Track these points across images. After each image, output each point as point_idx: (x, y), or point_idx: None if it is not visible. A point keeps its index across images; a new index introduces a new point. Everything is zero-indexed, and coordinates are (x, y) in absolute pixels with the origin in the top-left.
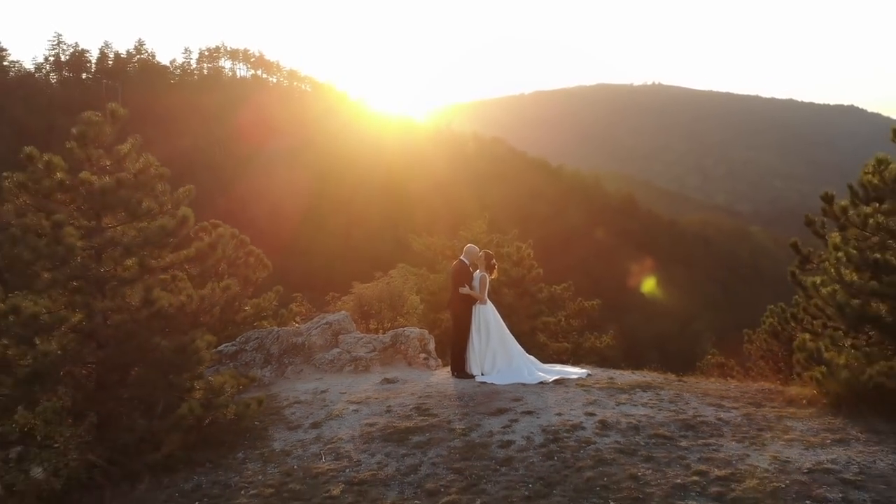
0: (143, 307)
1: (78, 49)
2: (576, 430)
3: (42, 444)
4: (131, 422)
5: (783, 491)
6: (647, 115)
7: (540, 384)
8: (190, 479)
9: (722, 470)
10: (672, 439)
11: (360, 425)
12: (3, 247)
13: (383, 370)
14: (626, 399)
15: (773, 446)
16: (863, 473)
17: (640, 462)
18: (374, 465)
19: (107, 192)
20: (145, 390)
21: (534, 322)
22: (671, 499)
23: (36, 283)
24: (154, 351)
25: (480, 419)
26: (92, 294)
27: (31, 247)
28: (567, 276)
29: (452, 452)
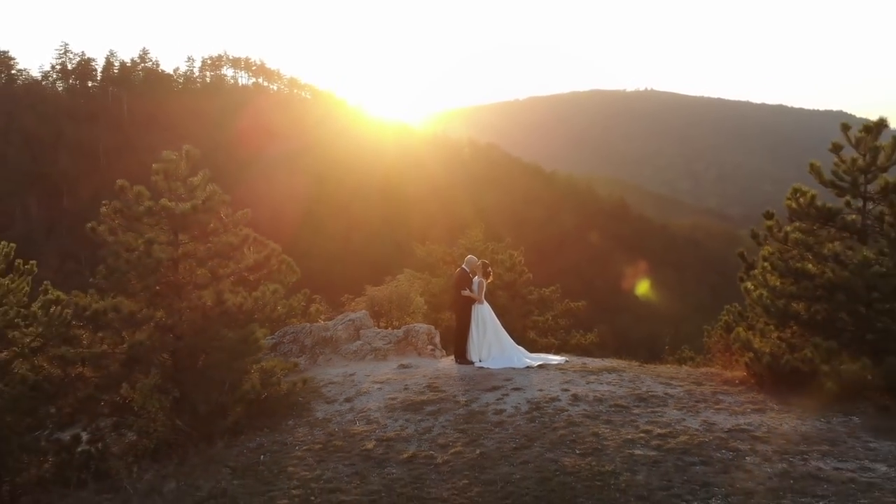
0: (215, 306)
1: (84, 57)
2: (553, 402)
3: (137, 414)
4: (206, 396)
5: (706, 444)
6: (640, 121)
7: (526, 368)
8: (253, 440)
9: (663, 430)
10: (627, 408)
11: (384, 399)
12: (107, 260)
13: (398, 358)
14: (595, 379)
15: (704, 413)
16: (770, 432)
17: (601, 424)
18: (398, 428)
19: (184, 215)
20: (215, 372)
21: (525, 321)
22: (622, 449)
23: (128, 287)
24: (222, 341)
25: (479, 394)
26: (172, 296)
27: (127, 259)
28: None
29: (457, 418)
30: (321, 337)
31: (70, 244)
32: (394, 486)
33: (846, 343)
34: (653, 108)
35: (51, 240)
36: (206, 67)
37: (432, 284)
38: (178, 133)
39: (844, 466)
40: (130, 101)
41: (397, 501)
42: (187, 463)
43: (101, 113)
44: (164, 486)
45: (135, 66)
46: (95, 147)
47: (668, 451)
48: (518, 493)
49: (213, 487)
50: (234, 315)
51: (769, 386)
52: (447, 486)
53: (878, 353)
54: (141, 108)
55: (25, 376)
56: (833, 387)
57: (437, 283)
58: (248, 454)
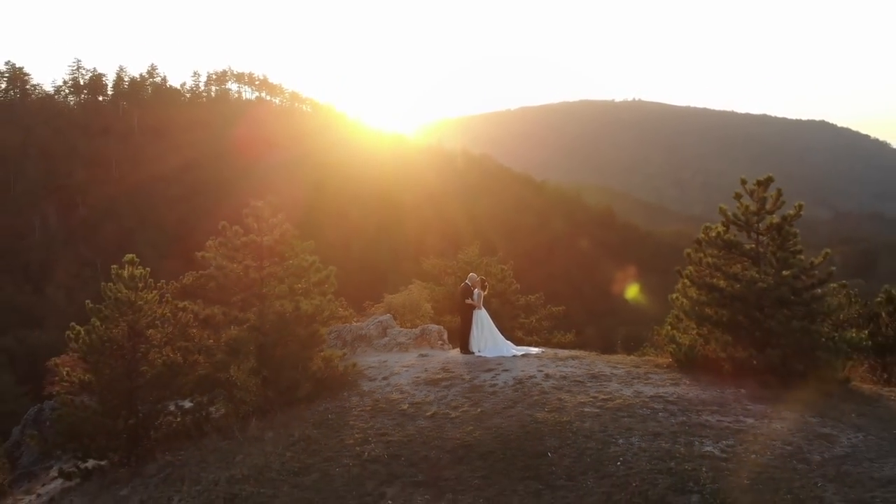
0: (292, 312)
1: (96, 73)
2: (531, 378)
3: (239, 388)
4: (285, 375)
5: (634, 405)
6: (628, 130)
7: (513, 356)
8: (321, 406)
9: (606, 396)
10: (583, 382)
11: (410, 378)
12: (215, 279)
13: (417, 350)
14: (562, 363)
15: (636, 387)
16: (679, 398)
17: (563, 393)
18: (423, 396)
19: (268, 247)
20: (291, 358)
21: (513, 322)
22: (576, 407)
23: (229, 298)
24: (295, 336)
25: (478, 374)
26: (259, 304)
27: (230, 278)
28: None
29: (464, 389)
30: (358, 334)
31: (86, 251)
32: (423, 431)
33: (742, 338)
34: (640, 117)
35: (68, 247)
36: (212, 82)
37: (436, 292)
38: (185, 143)
39: (725, 419)
40: (140, 115)
41: (427, 440)
42: (276, 420)
43: (113, 126)
44: (264, 435)
45: (143, 81)
46: (108, 159)
47: (607, 409)
48: (506, 435)
49: (300, 434)
50: (303, 318)
51: (686, 368)
52: (459, 432)
53: (762, 345)
54: (150, 121)
55: (161, 362)
56: (729, 368)
57: (441, 291)
58: (319, 414)
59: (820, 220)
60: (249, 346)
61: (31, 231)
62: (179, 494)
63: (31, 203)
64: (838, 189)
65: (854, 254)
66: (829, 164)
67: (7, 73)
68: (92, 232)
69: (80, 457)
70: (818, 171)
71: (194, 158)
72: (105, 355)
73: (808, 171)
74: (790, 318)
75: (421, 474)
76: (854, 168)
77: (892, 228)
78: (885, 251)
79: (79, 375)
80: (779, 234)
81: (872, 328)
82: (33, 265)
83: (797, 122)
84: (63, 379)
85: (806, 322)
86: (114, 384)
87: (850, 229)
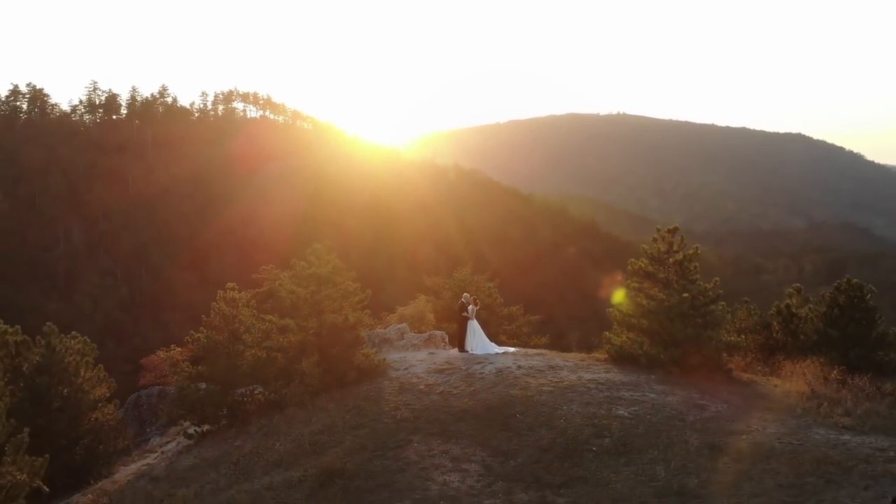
0: (342, 322)
1: (111, 93)
2: (507, 368)
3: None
4: (337, 367)
5: (576, 385)
6: (613, 143)
7: (496, 354)
8: (363, 387)
9: (558, 380)
10: (543, 371)
11: (424, 368)
12: (289, 299)
13: (426, 349)
14: (530, 358)
15: (580, 374)
16: (607, 381)
17: (529, 377)
18: (433, 380)
19: (326, 276)
20: (341, 355)
21: (498, 329)
22: (537, 387)
23: (299, 313)
24: (344, 339)
25: (471, 365)
26: (318, 317)
27: (300, 298)
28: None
29: (462, 376)
30: (383, 338)
31: (107, 262)
32: (434, 402)
33: (654, 340)
34: (625, 130)
35: (91, 258)
36: (219, 101)
37: (437, 305)
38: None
39: (635, 395)
40: (153, 133)
41: (439, 407)
42: (334, 397)
43: (127, 144)
44: (328, 405)
45: (155, 101)
46: (124, 176)
47: (557, 388)
48: (489, 404)
49: (352, 405)
50: (349, 327)
51: (616, 362)
52: (459, 403)
53: (668, 345)
54: (162, 138)
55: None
56: (644, 362)
57: (440, 304)
58: (363, 392)
59: (795, 230)
60: (313, 347)
61: (57, 243)
62: (279, 442)
63: (56, 217)
64: (813, 199)
65: (823, 263)
66: (805, 176)
67: (28, 94)
68: (112, 244)
69: (198, 423)
70: (794, 182)
71: (204, 175)
72: (214, 353)
73: (784, 182)
74: (687, 327)
75: (434, 428)
76: (828, 179)
77: (863, 237)
78: (854, 260)
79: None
80: (681, 268)
81: (766, 334)
82: (59, 275)
83: (774, 135)
84: (183, 370)
85: (699, 329)
86: (220, 373)
87: (822, 238)
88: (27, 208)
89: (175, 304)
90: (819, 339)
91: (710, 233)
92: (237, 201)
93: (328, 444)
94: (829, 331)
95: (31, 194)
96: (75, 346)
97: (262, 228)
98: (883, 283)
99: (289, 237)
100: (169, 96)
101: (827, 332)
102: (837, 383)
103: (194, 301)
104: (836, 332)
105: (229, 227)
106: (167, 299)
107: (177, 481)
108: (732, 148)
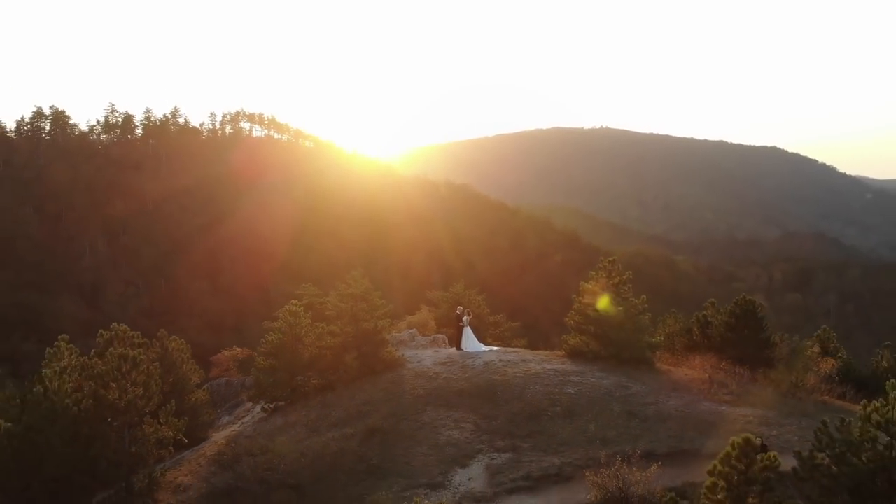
0: (372, 328)
1: (127, 114)
2: (492, 362)
3: (348, 366)
4: (369, 360)
5: (541, 372)
6: (596, 155)
7: (484, 352)
8: (388, 375)
9: (527, 369)
10: (517, 363)
11: (431, 362)
12: (335, 311)
13: (432, 348)
14: (508, 354)
15: (543, 365)
16: (563, 369)
17: (507, 368)
18: (438, 370)
19: (360, 294)
20: (372, 351)
21: (486, 333)
22: (513, 374)
23: (338, 321)
24: (373, 339)
25: (466, 360)
26: (354, 325)
27: (343, 311)
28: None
29: (459, 367)
30: (399, 339)
31: (130, 274)
32: (441, 384)
33: (599, 341)
34: (608, 144)
35: (114, 269)
36: (226, 121)
37: (437, 314)
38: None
39: (581, 379)
40: (167, 152)
41: (443, 388)
42: (369, 381)
43: (144, 162)
44: (364, 386)
45: (167, 121)
46: (142, 192)
47: (527, 375)
48: (479, 386)
49: (382, 387)
50: (378, 331)
51: (571, 357)
52: (457, 385)
53: (608, 344)
54: (175, 156)
55: (309, 353)
56: (591, 357)
57: (440, 313)
58: (389, 378)
59: (768, 240)
60: (352, 346)
61: (83, 255)
62: (335, 411)
63: (81, 231)
64: (787, 210)
65: (793, 271)
66: (780, 187)
67: (50, 115)
68: (133, 256)
69: (270, 400)
70: (769, 194)
71: (213, 191)
72: (283, 350)
73: (760, 194)
74: (621, 332)
75: (441, 401)
76: (802, 190)
77: (832, 247)
78: (821, 269)
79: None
80: (617, 289)
81: (688, 336)
82: (86, 285)
83: (751, 148)
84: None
85: (630, 333)
86: (286, 365)
87: (794, 248)
88: (55, 223)
89: (192, 311)
90: (722, 341)
91: (688, 242)
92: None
93: (368, 412)
94: (729, 335)
95: (59, 210)
96: (179, 345)
97: (267, 239)
98: (847, 290)
99: (288, 246)
100: (181, 117)
101: (728, 335)
102: (726, 372)
103: (209, 308)
104: (734, 336)
105: (237, 238)
106: (184, 307)
107: (267, 436)
108: (711, 161)
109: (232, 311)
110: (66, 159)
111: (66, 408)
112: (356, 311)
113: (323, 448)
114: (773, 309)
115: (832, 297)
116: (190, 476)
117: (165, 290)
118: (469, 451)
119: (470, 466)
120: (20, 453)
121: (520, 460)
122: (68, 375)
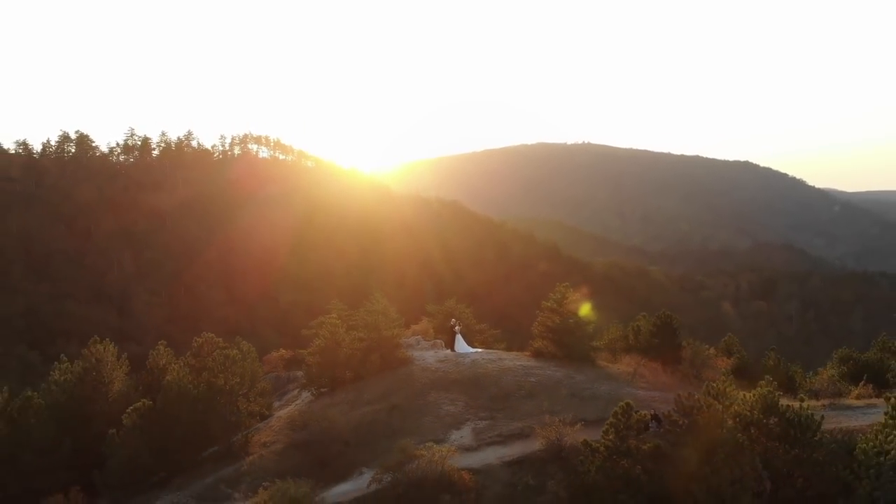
0: (389, 335)
1: (145, 138)
2: (477, 360)
3: (371, 363)
4: (386, 359)
5: (513, 367)
6: (579, 170)
7: (473, 352)
8: (401, 370)
9: (503, 365)
10: (495, 361)
11: (433, 360)
12: (363, 322)
13: (433, 350)
14: (490, 354)
15: (515, 362)
16: (530, 365)
17: (488, 364)
18: (438, 366)
19: (379, 310)
20: (388, 353)
21: (473, 338)
22: (493, 369)
23: (364, 329)
24: (390, 343)
25: (458, 358)
26: (376, 332)
27: (369, 323)
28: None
29: (454, 363)
30: (407, 344)
31: (154, 284)
32: (440, 376)
33: (555, 345)
34: (589, 159)
35: (140, 281)
36: (235, 143)
37: (434, 323)
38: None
39: (541, 372)
40: (182, 173)
41: (442, 378)
42: (387, 374)
43: (162, 182)
44: (385, 377)
45: (181, 144)
46: (162, 211)
47: (503, 369)
48: (469, 377)
49: (398, 377)
50: (393, 338)
51: (536, 356)
52: (452, 376)
53: (562, 347)
54: (189, 174)
55: (344, 353)
56: (548, 356)
57: (436, 322)
58: (401, 372)
59: (739, 250)
60: (375, 348)
61: (111, 269)
62: (365, 394)
63: (109, 247)
64: (758, 221)
65: (759, 280)
66: (752, 200)
67: (75, 139)
68: (156, 269)
69: (317, 387)
70: (742, 206)
71: (225, 208)
72: (325, 350)
73: (733, 206)
74: (571, 338)
75: (441, 387)
76: (773, 203)
77: (799, 257)
78: (786, 278)
79: (311, 358)
80: (561, 304)
81: (626, 341)
82: (115, 296)
83: (725, 163)
84: (309, 363)
85: (577, 339)
86: (328, 362)
87: (763, 258)
88: (84, 240)
89: (210, 318)
90: (647, 345)
91: (664, 252)
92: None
93: (390, 394)
94: (653, 340)
95: (87, 227)
96: (248, 348)
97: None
98: (808, 298)
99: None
100: (194, 139)
101: (652, 341)
102: (647, 367)
103: (226, 316)
104: (657, 341)
105: (247, 250)
106: (203, 314)
107: (320, 411)
108: (686, 175)
109: (246, 317)
110: (91, 180)
111: (188, 391)
112: (378, 322)
113: (361, 418)
114: (739, 315)
115: (794, 304)
116: (272, 436)
117: (185, 300)
118: (461, 420)
119: (462, 429)
120: (159, 423)
121: (495, 425)
122: (187, 371)
